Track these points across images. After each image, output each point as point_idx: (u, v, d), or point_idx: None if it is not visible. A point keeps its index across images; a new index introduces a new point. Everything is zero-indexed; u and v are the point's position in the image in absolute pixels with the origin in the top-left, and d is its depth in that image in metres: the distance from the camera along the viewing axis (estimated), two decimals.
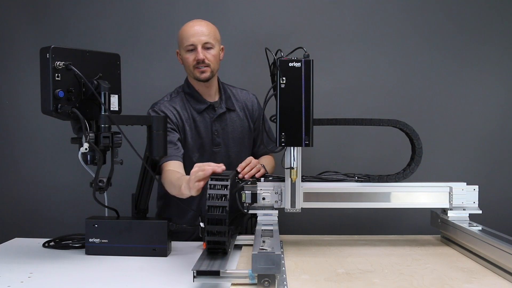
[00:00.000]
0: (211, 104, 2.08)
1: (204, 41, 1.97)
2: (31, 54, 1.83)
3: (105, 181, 1.69)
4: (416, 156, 1.76)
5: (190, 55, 1.99)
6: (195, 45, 1.97)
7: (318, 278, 1.39)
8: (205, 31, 1.98)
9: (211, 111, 2.08)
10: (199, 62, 1.98)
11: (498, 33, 2.52)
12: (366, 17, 2.53)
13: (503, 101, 2.55)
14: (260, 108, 2.19)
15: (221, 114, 2.09)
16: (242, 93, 2.20)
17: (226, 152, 2.11)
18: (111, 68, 1.74)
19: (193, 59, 1.98)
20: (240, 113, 2.15)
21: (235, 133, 2.12)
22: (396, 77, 2.53)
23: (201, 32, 1.97)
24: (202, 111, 2.06)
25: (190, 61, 1.99)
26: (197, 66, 1.99)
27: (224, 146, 2.10)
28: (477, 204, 1.75)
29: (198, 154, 2.07)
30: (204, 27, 1.99)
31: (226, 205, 1.42)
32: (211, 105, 2.08)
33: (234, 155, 2.12)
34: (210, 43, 1.99)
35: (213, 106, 2.08)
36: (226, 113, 2.11)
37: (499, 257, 1.41)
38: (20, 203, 2.56)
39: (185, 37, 1.99)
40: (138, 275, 1.49)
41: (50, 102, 1.55)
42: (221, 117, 2.10)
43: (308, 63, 1.51)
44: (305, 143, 1.52)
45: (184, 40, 1.99)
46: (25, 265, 1.56)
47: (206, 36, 1.98)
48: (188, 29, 1.99)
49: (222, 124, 2.10)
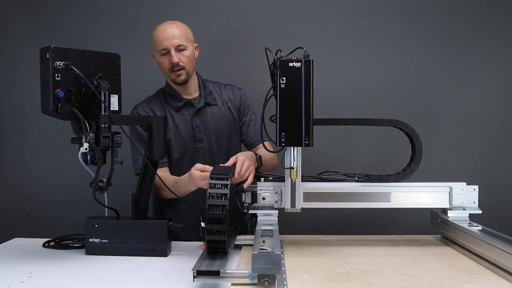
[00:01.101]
0: (188, 100, 2.10)
1: (177, 43, 1.99)
2: (31, 54, 1.83)
3: (105, 181, 1.69)
4: (416, 156, 1.76)
5: (165, 59, 2.02)
6: (168, 49, 1.99)
7: (318, 278, 1.39)
8: (176, 34, 1.99)
9: (189, 107, 2.09)
10: (174, 65, 2.00)
11: (499, 33, 2.52)
12: (366, 17, 2.53)
13: (503, 101, 2.55)
14: (247, 100, 2.20)
15: (201, 109, 2.10)
16: (226, 88, 2.20)
17: (209, 147, 2.11)
18: (111, 68, 1.74)
19: (168, 63, 2.01)
20: (222, 107, 2.14)
21: (217, 128, 2.11)
22: (396, 77, 2.53)
23: (172, 35, 1.99)
24: (180, 109, 2.08)
25: (165, 65, 2.02)
26: (173, 69, 2.02)
27: (207, 141, 2.10)
28: (477, 204, 1.75)
29: (180, 152, 2.08)
30: (176, 29, 2.00)
31: (226, 204, 1.42)
32: (188, 102, 2.10)
33: (217, 150, 2.12)
34: (182, 45, 2.00)
35: (190, 102, 2.10)
36: (206, 107, 2.11)
37: (499, 257, 1.41)
38: (20, 203, 2.56)
39: (158, 42, 2.01)
40: (138, 275, 1.49)
41: (50, 102, 1.54)
42: (201, 112, 2.10)
43: (308, 63, 1.51)
44: (305, 143, 1.52)
45: (157, 45, 2.02)
46: (25, 265, 1.56)
47: (178, 39, 1.99)
48: (160, 33, 2.01)
49: (203, 119, 2.10)
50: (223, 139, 2.13)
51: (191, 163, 1.93)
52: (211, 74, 2.43)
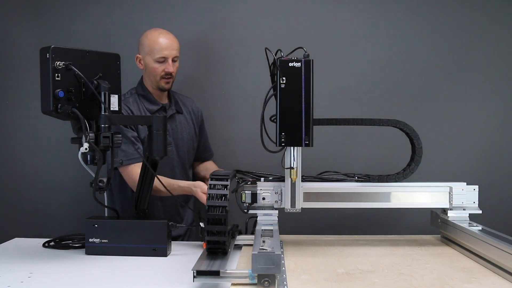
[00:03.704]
0: (163, 105, 2.22)
1: (175, 55, 2.14)
2: (31, 54, 1.83)
3: (105, 181, 1.69)
4: (416, 156, 1.76)
5: (160, 66, 2.12)
6: (167, 58, 2.11)
7: (318, 278, 1.39)
8: (175, 46, 2.14)
9: (162, 112, 2.21)
10: (168, 74, 2.13)
11: (499, 33, 2.52)
12: (366, 17, 2.53)
13: (503, 101, 2.54)
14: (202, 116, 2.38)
15: (172, 115, 2.23)
16: (188, 100, 2.37)
17: (177, 151, 2.23)
18: (111, 68, 1.74)
19: (161, 70, 2.12)
20: (187, 116, 2.30)
21: (184, 134, 2.26)
22: (396, 77, 2.53)
23: (171, 46, 2.13)
24: (154, 112, 2.19)
25: (158, 71, 2.13)
26: (164, 77, 2.13)
27: (175, 145, 2.22)
28: (477, 204, 1.75)
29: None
30: (174, 41, 2.15)
31: (226, 205, 1.42)
32: (163, 107, 2.21)
33: (183, 154, 2.25)
34: (177, 56, 2.17)
35: (164, 107, 2.22)
36: (176, 115, 2.26)
37: (499, 257, 1.41)
38: (20, 203, 2.55)
39: (157, 49, 2.11)
40: (138, 275, 1.49)
41: (50, 102, 1.55)
42: (172, 118, 2.23)
43: (308, 63, 1.51)
44: (305, 143, 1.52)
45: (155, 51, 2.11)
46: (25, 265, 1.56)
47: (176, 50, 2.15)
48: (161, 41, 2.11)
49: (173, 125, 2.22)
50: (187, 145, 2.27)
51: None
52: (212, 74, 2.43)
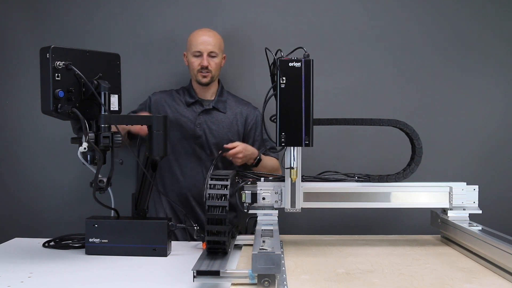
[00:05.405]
0: (199, 99, 2.27)
1: (210, 50, 2.21)
2: (31, 54, 1.83)
3: (105, 181, 1.69)
4: (416, 156, 1.75)
5: (196, 60, 2.22)
6: (202, 52, 2.21)
7: (318, 278, 1.39)
8: (211, 41, 2.22)
9: (198, 106, 2.27)
10: (203, 67, 2.21)
11: (499, 34, 2.52)
12: (366, 17, 2.52)
13: (503, 101, 2.54)
14: (258, 122, 2.33)
15: (208, 110, 2.26)
16: (242, 102, 2.36)
17: (207, 143, 2.23)
18: (111, 68, 1.74)
19: (198, 64, 2.22)
20: (230, 117, 2.29)
21: (219, 132, 2.25)
22: (397, 77, 2.53)
23: (208, 41, 2.21)
24: (190, 104, 2.27)
25: (195, 65, 2.22)
26: (201, 71, 2.22)
27: (206, 141, 2.24)
28: (477, 204, 1.75)
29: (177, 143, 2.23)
30: (212, 37, 2.23)
31: (226, 205, 1.43)
32: (198, 101, 2.28)
33: (209, 151, 2.24)
34: (214, 52, 2.22)
35: (201, 101, 2.27)
36: (214, 111, 2.27)
37: (499, 257, 1.41)
38: (20, 203, 2.55)
39: (193, 44, 2.22)
40: (138, 275, 1.49)
41: (50, 102, 1.55)
42: (208, 113, 2.26)
43: (308, 63, 1.51)
44: (305, 143, 1.52)
45: (192, 46, 2.22)
46: (25, 265, 1.56)
47: (212, 46, 2.21)
48: (198, 37, 2.23)
49: (207, 120, 2.25)
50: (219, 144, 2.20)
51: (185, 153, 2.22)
52: None
